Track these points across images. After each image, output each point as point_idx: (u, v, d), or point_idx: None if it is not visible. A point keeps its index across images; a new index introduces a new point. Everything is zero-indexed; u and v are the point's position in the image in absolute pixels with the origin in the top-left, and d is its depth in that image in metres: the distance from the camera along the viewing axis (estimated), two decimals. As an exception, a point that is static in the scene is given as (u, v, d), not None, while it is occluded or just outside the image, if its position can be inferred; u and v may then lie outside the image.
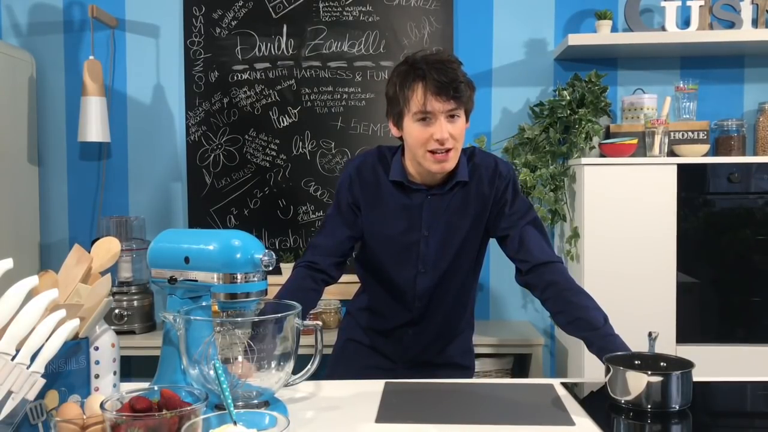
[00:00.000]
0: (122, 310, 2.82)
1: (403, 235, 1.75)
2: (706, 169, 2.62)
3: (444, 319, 1.83)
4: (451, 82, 1.59)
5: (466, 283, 1.83)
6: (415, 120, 1.63)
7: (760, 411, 1.46)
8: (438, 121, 1.61)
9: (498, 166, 1.76)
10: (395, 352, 1.85)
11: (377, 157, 1.79)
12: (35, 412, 1.10)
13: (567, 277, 1.68)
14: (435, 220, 1.74)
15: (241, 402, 1.23)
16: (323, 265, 1.76)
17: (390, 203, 1.75)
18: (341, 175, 1.82)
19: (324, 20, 3.05)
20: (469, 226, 1.75)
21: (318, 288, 1.75)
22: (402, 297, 1.80)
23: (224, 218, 3.10)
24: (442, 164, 1.65)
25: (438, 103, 1.60)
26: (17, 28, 3.12)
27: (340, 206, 1.80)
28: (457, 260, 1.77)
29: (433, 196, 1.74)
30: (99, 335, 1.24)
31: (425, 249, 1.75)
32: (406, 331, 1.83)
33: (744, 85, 3.01)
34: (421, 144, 1.63)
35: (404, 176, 1.74)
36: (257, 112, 3.08)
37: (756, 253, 2.60)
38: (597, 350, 1.54)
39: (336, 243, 1.78)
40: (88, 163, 3.14)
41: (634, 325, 2.50)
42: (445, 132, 1.61)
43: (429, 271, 1.76)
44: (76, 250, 1.28)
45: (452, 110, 1.62)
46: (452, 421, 1.28)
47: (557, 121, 2.88)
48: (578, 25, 3.03)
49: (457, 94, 1.60)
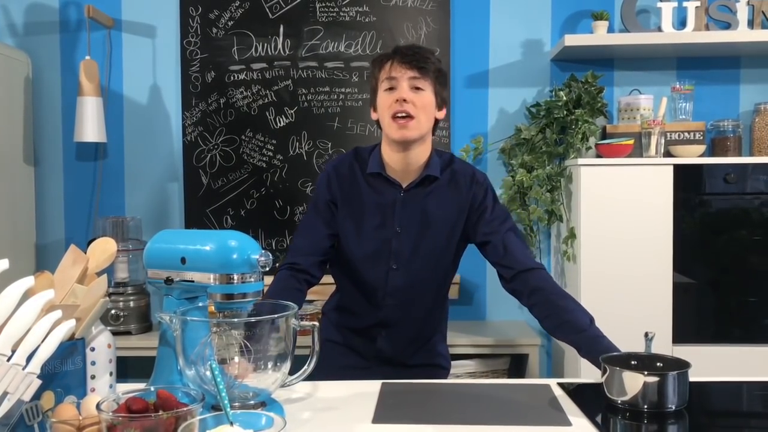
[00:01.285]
0: (118, 310, 2.81)
1: (376, 231, 1.79)
2: (703, 169, 2.62)
3: (416, 323, 1.85)
4: (416, 54, 1.72)
5: (441, 287, 1.86)
6: (383, 89, 1.74)
7: (756, 411, 1.46)
8: (400, 85, 1.70)
9: (475, 174, 1.85)
10: (369, 351, 1.87)
11: (354, 156, 1.87)
12: (31, 413, 1.10)
13: (552, 283, 1.73)
14: (408, 218, 1.78)
15: (237, 403, 1.23)
16: (305, 265, 1.79)
17: (365, 199, 1.80)
18: (319, 176, 1.88)
19: (321, 20, 3.05)
20: (445, 228, 1.79)
21: (302, 288, 1.78)
22: (374, 294, 1.82)
23: (221, 219, 3.10)
24: (402, 131, 1.70)
25: (401, 69, 1.70)
26: (13, 28, 3.12)
27: (318, 205, 1.84)
28: (430, 261, 1.80)
29: (407, 193, 1.78)
30: (95, 336, 1.24)
31: (397, 246, 1.78)
32: (379, 332, 1.85)
33: (740, 85, 3.02)
34: (386, 109, 1.72)
35: (381, 167, 1.79)
36: (254, 112, 3.08)
37: (752, 254, 2.61)
38: (585, 353, 1.57)
39: (315, 242, 1.82)
40: (84, 164, 3.14)
41: (630, 325, 2.51)
42: (405, 93, 1.69)
43: (401, 269, 1.79)
44: (72, 251, 1.28)
45: (415, 78, 1.70)
46: (449, 421, 1.28)
47: (554, 121, 2.89)
48: (575, 25, 3.03)
49: (420, 63, 1.70)
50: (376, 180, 1.80)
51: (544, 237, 3.06)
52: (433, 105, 1.75)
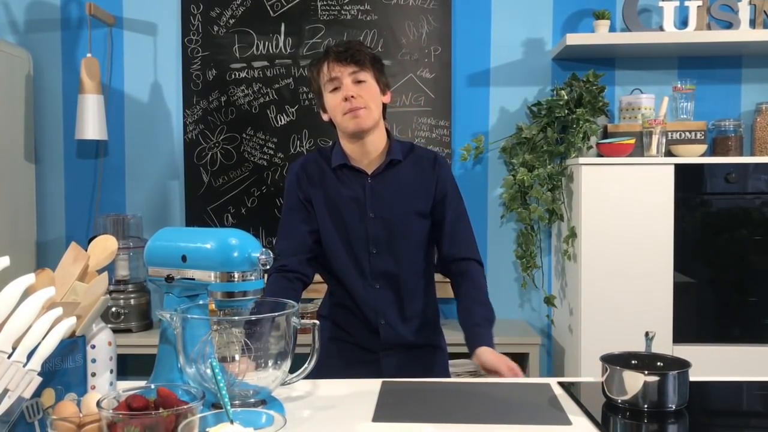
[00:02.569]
0: (119, 308, 2.81)
1: (351, 220, 1.85)
2: (704, 169, 2.62)
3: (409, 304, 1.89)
4: (349, 50, 1.79)
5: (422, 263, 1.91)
6: (329, 91, 1.80)
7: (756, 411, 1.46)
8: (344, 84, 1.77)
9: (437, 157, 1.92)
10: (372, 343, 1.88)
11: (317, 153, 1.93)
12: (31, 411, 1.10)
13: (480, 278, 1.87)
14: (378, 203, 1.84)
15: (237, 401, 1.23)
16: (292, 265, 1.83)
17: (336, 192, 1.86)
18: (287, 178, 1.94)
19: (322, 19, 3.05)
20: (415, 207, 1.86)
21: (296, 287, 1.83)
22: (360, 282, 1.86)
23: (221, 217, 3.10)
24: (356, 120, 1.77)
25: (339, 67, 1.77)
26: (14, 26, 3.12)
27: (292, 205, 1.89)
28: (406, 239, 1.86)
29: (374, 179, 1.85)
30: (96, 333, 1.24)
31: (373, 231, 1.84)
32: (378, 321, 1.87)
33: (741, 85, 3.02)
34: (337, 109, 1.79)
35: (345, 159, 1.86)
36: (255, 110, 3.08)
37: (753, 254, 2.61)
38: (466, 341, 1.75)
39: (297, 242, 1.86)
40: (85, 161, 3.14)
41: (630, 324, 2.52)
42: (351, 90, 1.76)
43: (381, 252, 1.85)
44: (73, 248, 1.28)
45: (355, 72, 1.78)
46: (449, 420, 1.28)
47: (555, 120, 2.89)
48: (576, 24, 3.03)
49: (356, 57, 1.77)
50: (342, 172, 1.87)
51: (544, 236, 3.06)
52: (378, 92, 1.82)
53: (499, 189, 3.05)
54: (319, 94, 1.86)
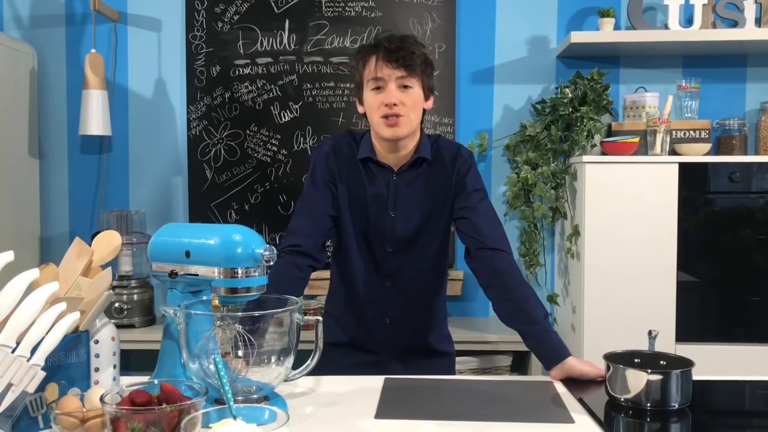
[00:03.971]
0: (122, 303, 2.82)
1: (372, 216, 1.79)
2: (708, 168, 2.62)
3: (418, 305, 1.85)
4: (401, 50, 1.68)
5: (436, 265, 1.85)
6: (370, 89, 1.71)
7: (759, 410, 1.46)
8: (388, 87, 1.68)
9: (460, 150, 1.83)
10: (376, 345, 1.85)
11: (350, 136, 1.85)
12: (35, 405, 1.10)
13: (514, 269, 1.72)
14: (401, 202, 1.78)
15: (240, 396, 1.23)
16: (307, 246, 1.74)
17: (360, 185, 1.79)
18: (315, 156, 1.84)
19: (326, 15, 3.05)
20: (434, 206, 1.79)
21: (303, 275, 1.74)
22: (373, 281, 1.82)
23: (225, 213, 3.10)
24: (393, 129, 1.69)
25: (388, 69, 1.67)
26: (19, 21, 3.12)
27: (317, 184, 1.80)
28: (424, 240, 1.80)
29: (399, 176, 1.79)
30: (99, 329, 1.24)
31: (392, 229, 1.79)
32: (383, 320, 1.83)
33: (746, 84, 3.01)
34: (375, 110, 1.70)
35: (372, 153, 1.78)
36: (258, 107, 3.08)
37: (756, 253, 2.60)
38: (533, 344, 1.61)
39: (316, 221, 1.77)
40: (88, 157, 3.14)
41: (633, 323, 2.52)
42: (394, 97, 1.67)
43: (397, 252, 1.80)
44: (77, 244, 1.28)
45: (403, 77, 1.68)
46: (451, 417, 1.28)
47: (559, 118, 2.88)
48: (581, 22, 3.02)
49: (407, 62, 1.67)
50: (368, 165, 1.80)
51: (548, 234, 3.06)
52: (421, 99, 1.73)
53: (502, 187, 3.05)
54: (359, 85, 1.77)
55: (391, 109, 1.67)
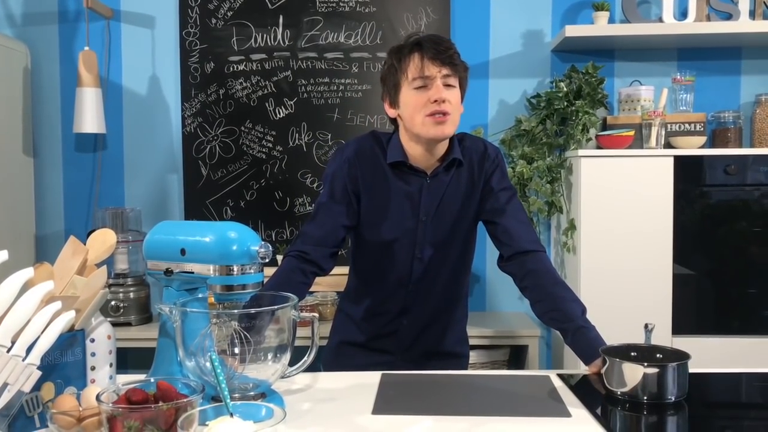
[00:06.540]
0: (118, 301, 2.81)
1: (402, 221, 1.74)
2: (703, 161, 2.62)
3: (437, 307, 1.82)
4: (447, 49, 1.65)
5: (459, 268, 1.82)
6: (413, 88, 1.65)
7: (755, 402, 1.47)
8: (435, 84, 1.64)
9: (487, 149, 1.80)
10: (391, 346, 1.83)
11: (373, 140, 1.78)
12: (31, 404, 1.10)
13: (548, 267, 1.71)
14: (434, 205, 1.74)
15: (237, 394, 1.23)
16: (314, 255, 1.72)
17: (390, 187, 1.74)
18: (335, 161, 1.78)
19: (320, 11, 3.04)
20: (462, 208, 1.76)
21: (307, 281, 1.72)
22: (397, 284, 1.78)
23: (220, 210, 3.09)
24: (441, 127, 1.64)
25: (435, 67, 1.63)
26: (11, 19, 3.10)
27: (335, 193, 1.76)
28: (452, 243, 1.77)
29: (432, 179, 1.74)
30: (95, 327, 1.24)
31: (422, 235, 1.75)
32: (400, 321, 1.81)
33: (741, 76, 3.01)
34: (420, 109, 1.64)
35: (404, 156, 1.73)
36: (253, 103, 3.07)
37: (752, 245, 2.61)
38: (571, 341, 1.58)
39: (329, 232, 1.74)
40: (83, 155, 3.13)
41: (630, 316, 2.52)
42: (443, 93, 1.63)
43: (426, 257, 1.76)
44: (72, 242, 1.27)
45: (448, 76, 1.65)
46: (448, 412, 1.28)
47: (554, 112, 2.88)
48: (575, 16, 3.02)
49: (452, 60, 1.65)
50: (399, 169, 1.75)
51: (544, 228, 3.06)
52: (460, 101, 1.71)
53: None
54: (395, 86, 1.70)
55: (439, 106, 1.63)
